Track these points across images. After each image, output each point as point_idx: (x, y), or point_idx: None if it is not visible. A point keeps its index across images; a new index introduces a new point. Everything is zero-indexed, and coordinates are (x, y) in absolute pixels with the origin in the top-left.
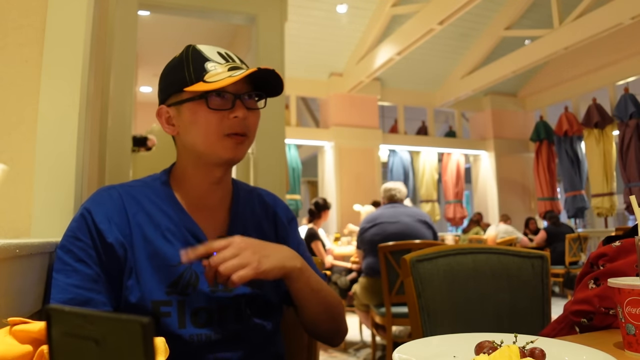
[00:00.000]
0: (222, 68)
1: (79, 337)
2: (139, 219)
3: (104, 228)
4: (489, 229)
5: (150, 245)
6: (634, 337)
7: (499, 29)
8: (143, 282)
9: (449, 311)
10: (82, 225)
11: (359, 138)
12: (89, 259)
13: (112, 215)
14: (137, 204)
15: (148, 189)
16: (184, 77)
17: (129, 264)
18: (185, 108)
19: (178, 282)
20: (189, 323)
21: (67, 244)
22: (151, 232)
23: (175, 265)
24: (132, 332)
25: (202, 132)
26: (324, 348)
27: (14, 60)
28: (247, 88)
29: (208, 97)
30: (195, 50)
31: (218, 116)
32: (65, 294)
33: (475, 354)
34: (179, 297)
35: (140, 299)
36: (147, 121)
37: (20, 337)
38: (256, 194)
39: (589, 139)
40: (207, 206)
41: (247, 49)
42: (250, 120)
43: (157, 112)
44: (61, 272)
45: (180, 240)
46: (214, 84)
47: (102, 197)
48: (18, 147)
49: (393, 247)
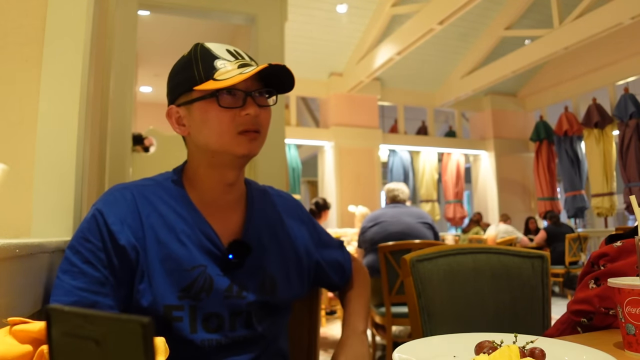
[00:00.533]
0: (232, 65)
1: (79, 337)
2: (152, 221)
3: (117, 230)
4: (489, 229)
5: (164, 248)
6: (634, 337)
7: (499, 29)
8: (155, 285)
9: (449, 311)
10: (92, 227)
11: (359, 138)
12: (97, 261)
13: (125, 216)
14: (150, 205)
15: (161, 188)
16: (194, 76)
17: (141, 267)
18: (195, 107)
19: (191, 286)
20: (200, 328)
21: (76, 245)
22: (165, 235)
23: (189, 269)
24: (132, 332)
25: (215, 131)
26: (324, 348)
27: (14, 59)
28: (257, 85)
29: (219, 95)
30: (204, 48)
31: (230, 114)
32: (70, 296)
33: (475, 353)
34: (191, 302)
35: (152, 303)
36: (147, 121)
37: (20, 337)
38: (269, 194)
39: (589, 138)
40: (221, 208)
41: (247, 49)
42: (262, 117)
43: (166, 113)
44: (67, 273)
45: (195, 243)
46: (225, 81)
47: (115, 198)
48: (18, 147)
49: (393, 247)
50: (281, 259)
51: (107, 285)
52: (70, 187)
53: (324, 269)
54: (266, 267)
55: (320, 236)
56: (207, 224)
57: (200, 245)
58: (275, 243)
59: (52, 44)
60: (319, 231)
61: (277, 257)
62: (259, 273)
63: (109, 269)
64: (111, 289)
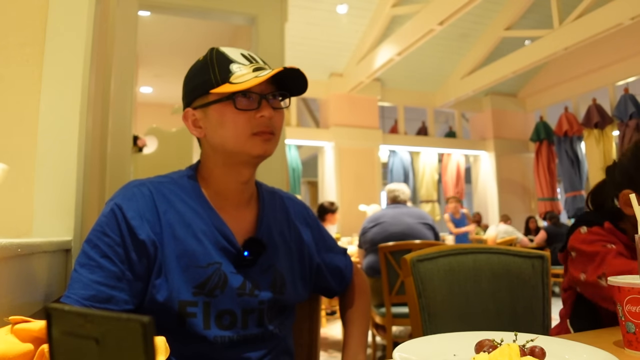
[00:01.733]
0: (247, 69)
1: (79, 336)
2: (169, 217)
3: (136, 225)
4: (489, 229)
5: (180, 245)
6: (634, 335)
7: (499, 30)
8: (171, 281)
9: (450, 311)
10: (111, 221)
11: (359, 138)
12: (114, 255)
13: (144, 212)
14: (167, 202)
15: (177, 186)
16: (210, 80)
17: (159, 262)
18: (212, 110)
19: (206, 283)
20: (213, 325)
21: (94, 239)
22: (181, 231)
23: (204, 266)
24: (132, 331)
25: (231, 132)
26: (324, 348)
27: (15, 60)
28: (271, 88)
29: (235, 98)
30: (219, 53)
31: (245, 116)
32: (88, 290)
33: (475, 352)
34: (205, 299)
35: (167, 298)
36: (147, 121)
37: (21, 336)
38: (278, 195)
39: (589, 139)
40: (235, 206)
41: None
42: (276, 119)
43: (183, 116)
44: (85, 267)
45: (211, 241)
46: (241, 84)
47: (134, 193)
48: (19, 147)
49: (393, 247)
50: (289, 259)
51: (123, 280)
52: (71, 186)
53: (323, 273)
54: (276, 265)
55: (325, 240)
56: (223, 221)
57: (216, 243)
58: (283, 244)
59: (53, 44)
60: (324, 235)
61: (285, 257)
62: (270, 271)
63: (126, 264)
64: (127, 284)
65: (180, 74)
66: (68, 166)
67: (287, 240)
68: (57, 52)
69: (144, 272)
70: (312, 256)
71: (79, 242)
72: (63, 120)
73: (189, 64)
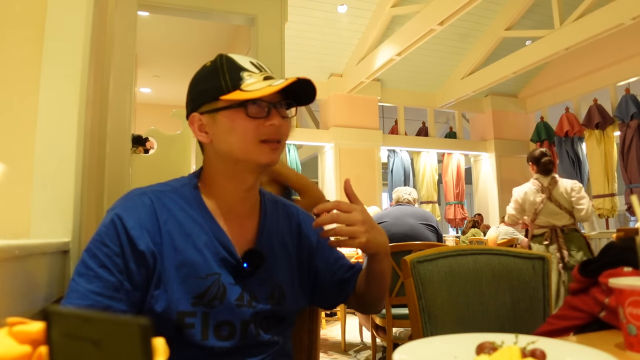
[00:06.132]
0: (257, 77)
1: (77, 338)
2: (169, 227)
3: (136, 235)
4: (490, 230)
5: (180, 255)
6: (635, 337)
7: (499, 30)
8: (170, 291)
9: (450, 312)
10: (111, 232)
11: (359, 139)
12: (113, 266)
13: (145, 222)
14: (167, 211)
15: (177, 195)
16: (220, 86)
17: (158, 273)
18: (221, 116)
19: (205, 294)
20: (211, 335)
21: (93, 248)
22: (181, 242)
23: (203, 277)
24: (130, 333)
25: (240, 139)
26: (324, 349)
27: (14, 60)
28: (280, 97)
29: (247, 106)
30: (229, 59)
31: (255, 124)
32: (85, 300)
33: (475, 354)
34: (204, 309)
35: (166, 309)
36: (146, 122)
37: (19, 338)
38: (281, 204)
39: (590, 139)
40: (237, 215)
41: (247, 50)
42: (285, 128)
43: (189, 121)
44: (83, 277)
45: (211, 251)
46: (254, 92)
47: (135, 203)
48: (17, 148)
49: (393, 247)
50: (289, 269)
51: (121, 291)
52: (69, 188)
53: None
54: (275, 277)
55: (326, 250)
56: (224, 232)
57: (216, 253)
58: (284, 253)
59: (52, 44)
60: (324, 245)
61: (285, 268)
62: (268, 282)
63: (124, 274)
64: (125, 294)
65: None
66: (66, 167)
67: (289, 251)
68: (55, 53)
69: (142, 282)
70: (312, 265)
71: (77, 243)
72: (61, 121)
73: (188, 64)
